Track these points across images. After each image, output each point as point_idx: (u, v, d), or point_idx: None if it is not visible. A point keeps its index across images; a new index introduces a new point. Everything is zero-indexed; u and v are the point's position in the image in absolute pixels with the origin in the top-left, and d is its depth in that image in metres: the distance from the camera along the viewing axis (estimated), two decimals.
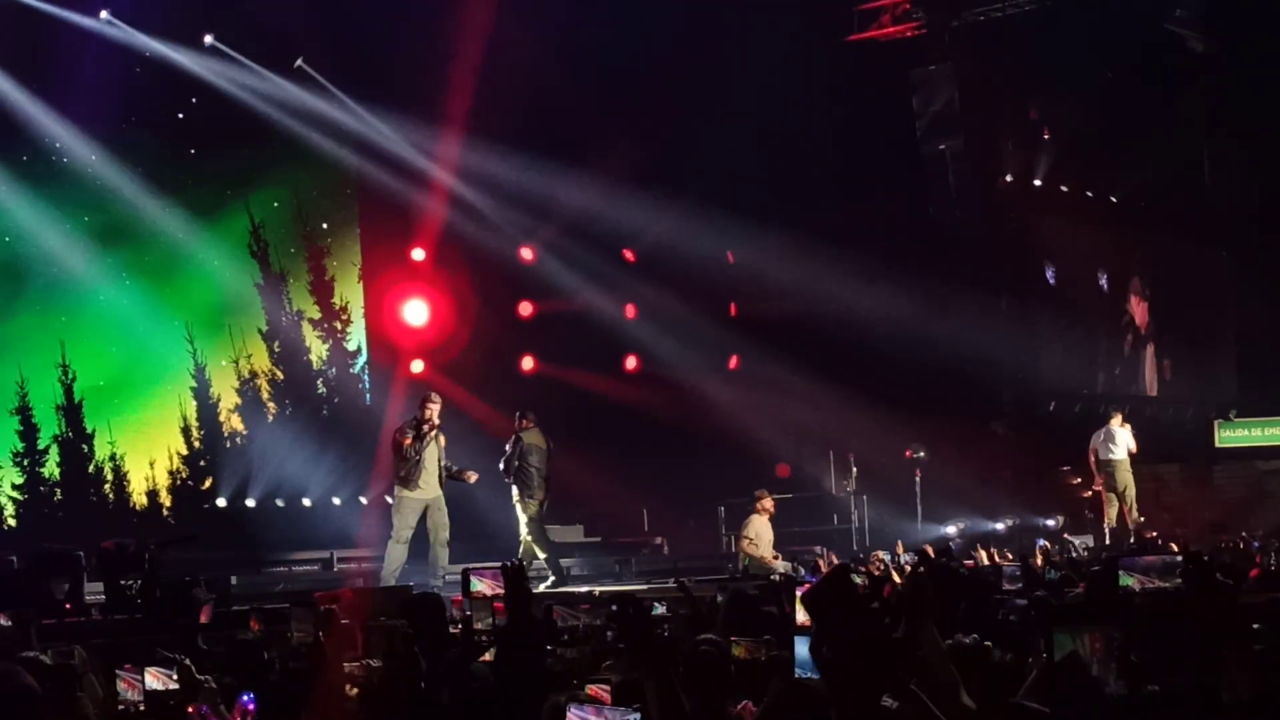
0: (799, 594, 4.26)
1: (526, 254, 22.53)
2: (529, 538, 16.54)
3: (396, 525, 15.80)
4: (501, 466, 16.69)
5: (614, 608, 4.75)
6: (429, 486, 15.81)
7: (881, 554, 16.02)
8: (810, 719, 4.28)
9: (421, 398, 16.28)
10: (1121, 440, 20.67)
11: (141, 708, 6.47)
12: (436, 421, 15.88)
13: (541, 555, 16.51)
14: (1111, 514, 20.54)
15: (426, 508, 15.83)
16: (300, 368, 21.77)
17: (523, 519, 16.61)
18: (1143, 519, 20.21)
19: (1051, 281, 26.29)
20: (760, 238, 22.72)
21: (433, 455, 15.81)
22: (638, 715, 4.66)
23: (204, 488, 20.77)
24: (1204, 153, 27.07)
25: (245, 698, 4.16)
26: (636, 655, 4.63)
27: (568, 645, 8.27)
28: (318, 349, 21.91)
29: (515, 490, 16.64)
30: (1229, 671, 5.37)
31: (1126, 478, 20.60)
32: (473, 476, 16.17)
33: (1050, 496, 22.96)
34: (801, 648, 5.68)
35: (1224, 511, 22.17)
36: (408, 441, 15.78)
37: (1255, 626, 5.99)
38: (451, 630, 8.73)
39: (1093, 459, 20.93)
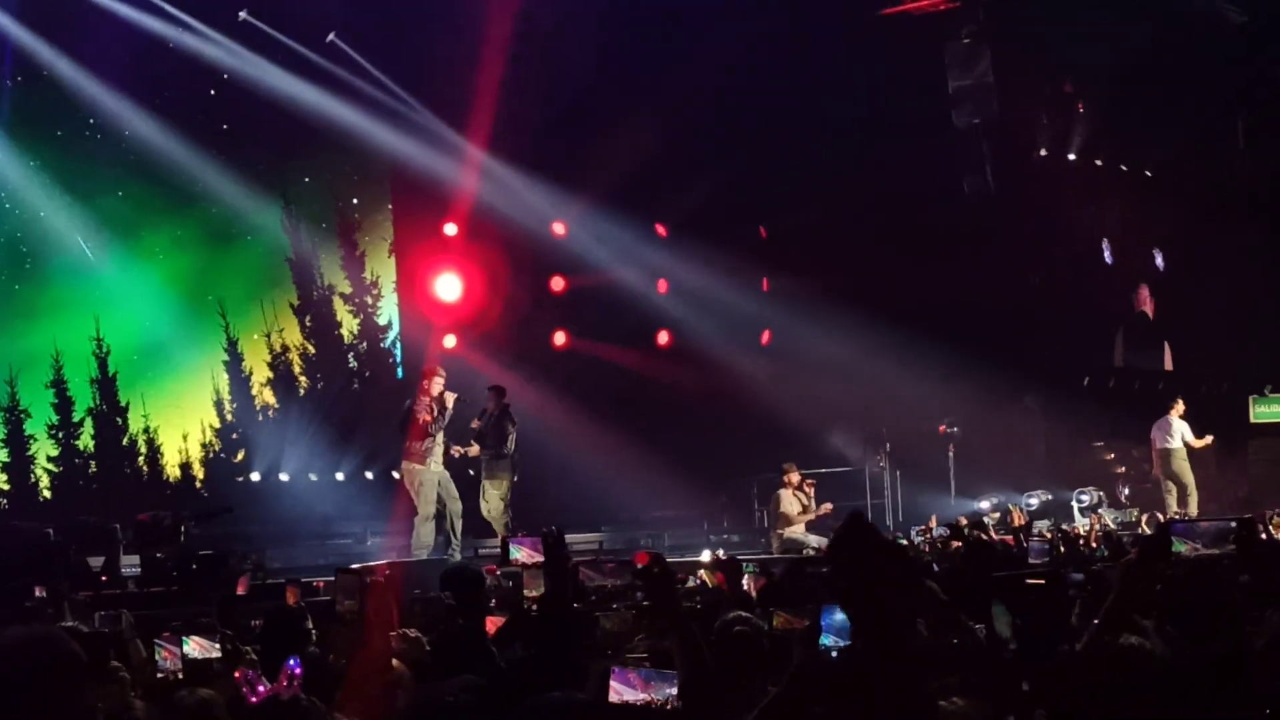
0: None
1: (558, 228, 22.49)
2: (497, 512, 16.40)
3: (422, 503, 15.77)
4: (510, 444, 16.49)
5: (639, 566, 4.77)
6: (439, 461, 15.86)
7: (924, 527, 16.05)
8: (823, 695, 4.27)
9: (427, 370, 16.26)
10: (1177, 431, 20.57)
11: (180, 675, 6.50)
12: (437, 392, 15.88)
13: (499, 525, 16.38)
14: (1170, 501, 20.32)
15: (439, 481, 15.87)
16: (331, 342, 21.82)
17: (497, 492, 16.45)
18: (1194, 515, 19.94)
19: (1108, 259, 26.12)
20: (792, 212, 22.64)
21: (441, 430, 15.88)
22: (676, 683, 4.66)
23: (236, 460, 20.84)
24: (1239, 124, 26.77)
25: (292, 662, 4.17)
26: (661, 609, 4.68)
27: (595, 605, 8.21)
28: (349, 323, 21.95)
29: (496, 462, 16.50)
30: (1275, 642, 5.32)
31: (1181, 466, 20.45)
32: None
33: (1084, 471, 22.86)
34: (827, 616, 5.70)
35: (1255, 488, 22.08)
36: (429, 419, 15.76)
37: None
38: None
39: (1154, 448, 20.90)
